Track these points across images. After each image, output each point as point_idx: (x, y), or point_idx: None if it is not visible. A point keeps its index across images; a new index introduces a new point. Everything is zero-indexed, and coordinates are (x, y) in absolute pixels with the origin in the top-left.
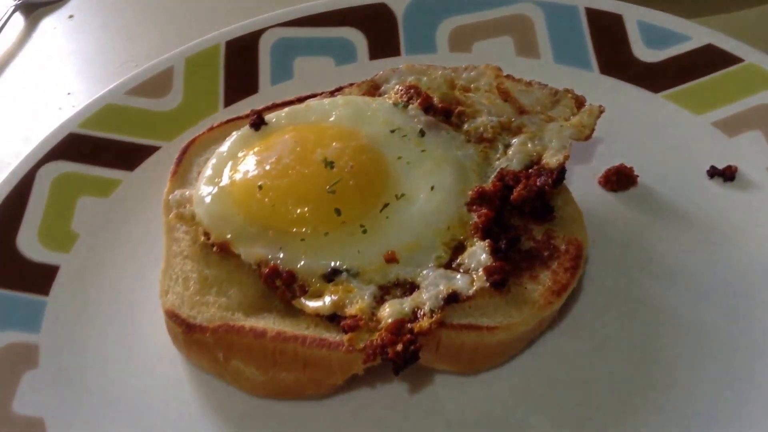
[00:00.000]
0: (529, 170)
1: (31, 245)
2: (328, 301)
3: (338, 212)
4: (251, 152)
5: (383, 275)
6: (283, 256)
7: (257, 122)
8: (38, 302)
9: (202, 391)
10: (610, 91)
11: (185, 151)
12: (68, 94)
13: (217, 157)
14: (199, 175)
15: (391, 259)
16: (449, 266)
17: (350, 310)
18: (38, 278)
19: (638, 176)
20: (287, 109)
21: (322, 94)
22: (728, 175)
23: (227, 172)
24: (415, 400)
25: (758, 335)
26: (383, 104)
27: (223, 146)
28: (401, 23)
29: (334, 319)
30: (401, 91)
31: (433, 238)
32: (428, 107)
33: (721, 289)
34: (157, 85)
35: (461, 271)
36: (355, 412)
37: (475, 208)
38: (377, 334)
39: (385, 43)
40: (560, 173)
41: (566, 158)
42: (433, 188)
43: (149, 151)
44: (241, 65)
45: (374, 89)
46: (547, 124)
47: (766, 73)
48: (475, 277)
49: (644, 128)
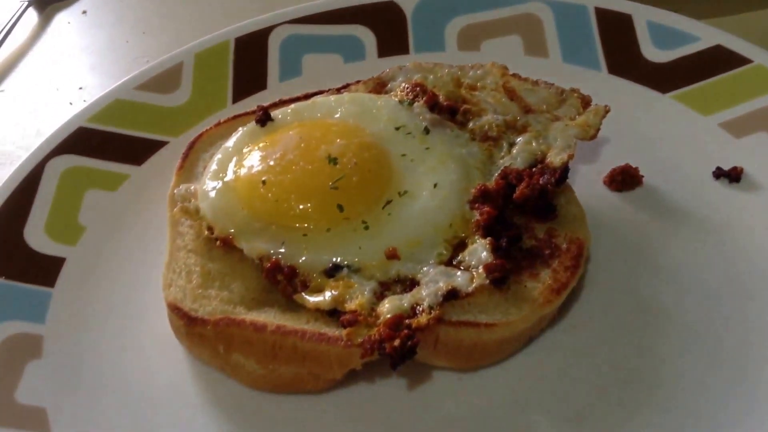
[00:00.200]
0: (532, 169)
1: (38, 237)
2: (328, 296)
3: (341, 208)
4: (256, 148)
5: (384, 271)
6: (285, 251)
7: (263, 118)
8: (44, 293)
9: (203, 383)
10: (618, 91)
11: (192, 146)
12: (80, 88)
13: (222, 152)
14: (204, 170)
15: (392, 255)
16: (450, 263)
17: (350, 305)
18: (44, 270)
19: (643, 176)
20: (293, 105)
21: (328, 91)
22: (734, 176)
23: (232, 167)
24: (413, 396)
25: (761, 336)
26: (389, 102)
27: (228, 142)
28: (410, 21)
29: (334, 314)
30: (407, 88)
31: (434, 235)
32: (433, 105)
33: (724, 289)
34: (166, 80)
35: (462, 268)
36: (353, 407)
37: (477, 205)
38: (375, 329)
39: (393, 41)
40: (563, 172)
41: (570, 157)
42: (436, 186)
43: (157, 146)
44: (250, 62)
45: (381, 86)
46: (552, 123)
47: None
48: (475, 274)
49: (651, 129)
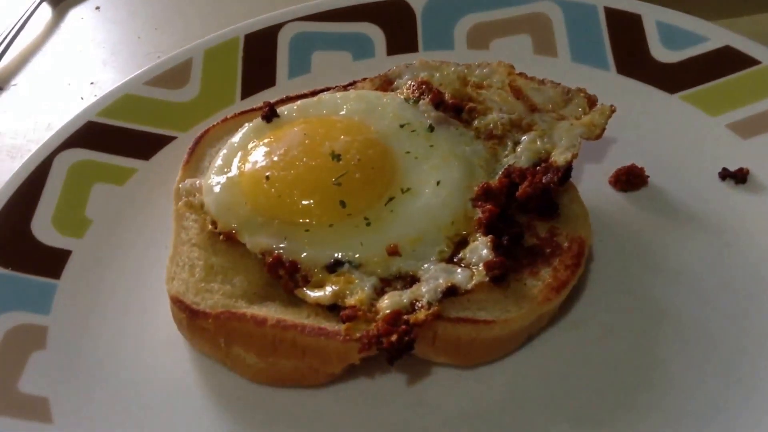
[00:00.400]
0: (536, 168)
1: (45, 230)
2: (328, 291)
3: (343, 204)
4: (261, 143)
5: (385, 268)
6: (287, 245)
7: (269, 114)
8: (49, 285)
9: (204, 376)
10: (626, 91)
11: (198, 141)
12: (91, 83)
13: (228, 147)
14: (210, 165)
15: (393, 252)
16: (451, 260)
17: (350, 300)
18: (51, 262)
19: (649, 177)
20: (299, 102)
21: (335, 88)
22: (740, 177)
23: (236, 162)
24: (412, 392)
25: (763, 339)
26: (394, 99)
27: (234, 137)
28: (420, 19)
29: (334, 309)
30: (413, 86)
31: (436, 232)
32: (439, 103)
33: (727, 291)
34: (175, 76)
35: (462, 265)
36: (352, 402)
37: (480, 203)
38: (374, 324)
39: (403, 39)
40: (566, 171)
41: (574, 157)
42: (439, 183)
43: (165, 141)
44: (259, 58)
45: (387, 84)
46: (557, 122)
47: None
48: (475, 271)
49: (658, 129)
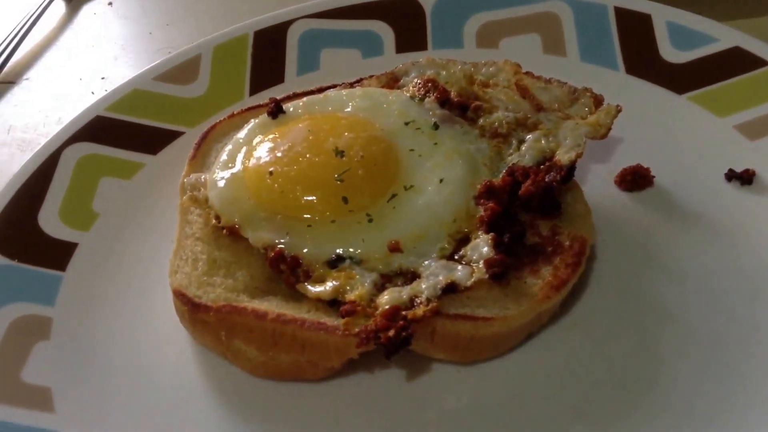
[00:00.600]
0: (540, 166)
1: (52, 222)
2: (329, 286)
3: (345, 200)
4: (265, 139)
5: (386, 264)
6: (289, 241)
7: (274, 110)
8: (55, 277)
9: (205, 369)
10: (634, 91)
11: (204, 136)
12: (102, 78)
13: (233, 143)
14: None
15: (394, 248)
16: (452, 258)
17: (350, 296)
18: (57, 254)
19: (654, 177)
20: (305, 98)
21: (341, 85)
22: (746, 178)
23: (240, 158)
24: (412, 387)
25: (765, 341)
26: (400, 97)
27: (240, 133)
28: (429, 18)
29: (335, 304)
30: (419, 84)
31: (438, 229)
32: (444, 101)
33: (730, 292)
34: (184, 72)
35: (463, 262)
36: (352, 397)
37: (482, 201)
38: (372, 319)
39: (412, 37)
40: (569, 170)
41: (579, 156)
42: (442, 181)
43: (173, 136)
44: (268, 55)
45: (393, 81)
46: (563, 121)
47: None
48: (475, 269)
49: (665, 129)
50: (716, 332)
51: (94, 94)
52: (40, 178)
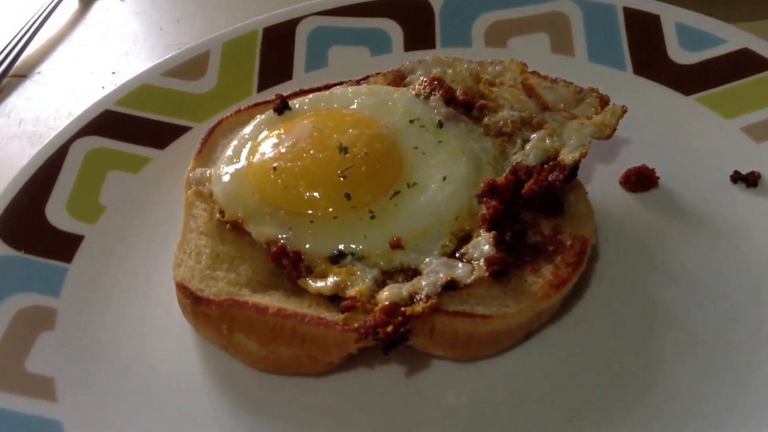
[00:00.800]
0: (543, 166)
1: (59, 214)
2: (330, 282)
3: (348, 197)
4: (270, 135)
5: (388, 260)
6: (291, 236)
7: (280, 107)
8: (61, 268)
9: (207, 362)
10: (641, 91)
11: (211, 132)
12: (113, 73)
13: (238, 138)
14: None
15: (396, 245)
16: (453, 255)
17: (350, 291)
18: (63, 246)
19: (659, 178)
20: (311, 95)
21: (347, 82)
22: (751, 180)
23: (245, 153)
24: (411, 384)
25: (766, 343)
26: (405, 94)
27: (246, 129)
28: (438, 16)
29: (336, 299)
30: (425, 82)
31: (440, 227)
32: (450, 99)
33: (732, 294)
34: (192, 67)
35: (464, 260)
36: (352, 393)
37: (485, 200)
38: (371, 315)
39: (421, 35)
40: (572, 170)
41: (583, 156)
42: (445, 179)
43: (180, 131)
44: (276, 52)
45: (400, 79)
46: (568, 121)
47: None
48: (475, 266)
49: (672, 130)
50: (717, 334)
51: (104, 88)
52: (48, 170)
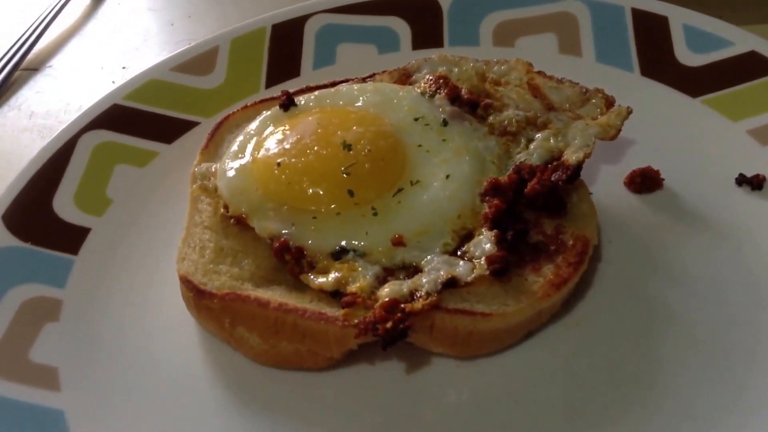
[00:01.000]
0: (547, 165)
1: (66, 207)
2: (332, 277)
3: (351, 193)
4: (275, 131)
5: (389, 257)
6: (294, 231)
7: (286, 103)
8: (67, 260)
9: (210, 355)
10: (648, 93)
11: (218, 127)
12: (123, 68)
13: (244, 134)
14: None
15: (398, 242)
16: (455, 253)
17: (351, 287)
18: (70, 238)
19: (664, 180)
20: (317, 92)
21: (353, 79)
22: (756, 183)
23: (250, 149)
24: (412, 381)
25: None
26: (410, 92)
27: (251, 124)
28: (446, 15)
29: (336, 295)
30: (431, 80)
31: (442, 225)
32: (455, 98)
33: (734, 296)
34: (201, 63)
35: (465, 258)
36: (352, 389)
37: (488, 198)
38: (371, 311)
39: (429, 34)
40: (575, 170)
41: (587, 156)
42: (448, 177)
43: (188, 126)
44: (285, 48)
45: (406, 77)
46: (573, 121)
47: None
48: (476, 264)
49: (678, 132)
50: (718, 336)
51: (114, 83)
52: (56, 163)
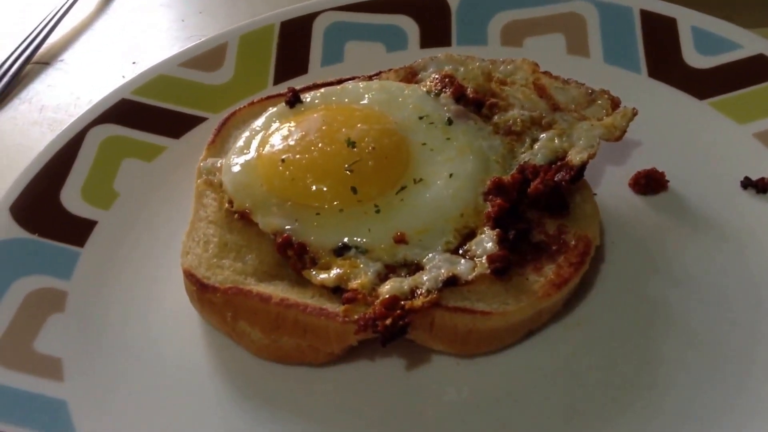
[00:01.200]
0: (551, 165)
1: (73, 199)
2: (333, 274)
3: (354, 191)
4: (281, 128)
5: (391, 255)
6: (297, 227)
7: (292, 100)
8: (73, 252)
9: (212, 348)
10: (655, 94)
11: (224, 123)
12: (133, 63)
13: (250, 130)
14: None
15: (400, 240)
16: (457, 251)
17: (353, 284)
18: (76, 230)
19: (669, 181)
20: (323, 89)
21: (360, 77)
22: (761, 186)
23: (255, 144)
24: (412, 378)
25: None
26: (416, 91)
27: (257, 120)
28: (454, 14)
29: (338, 291)
30: (437, 79)
31: (444, 223)
32: (460, 97)
33: (735, 299)
34: (210, 59)
35: (467, 257)
36: (352, 384)
37: (490, 197)
38: (371, 307)
39: (437, 33)
40: (579, 170)
41: (591, 157)
42: (452, 175)
43: (196, 121)
44: (293, 46)
45: (412, 76)
46: (578, 122)
47: None
48: (477, 263)
49: (684, 134)
50: (718, 338)
51: (124, 77)
52: (64, 156)
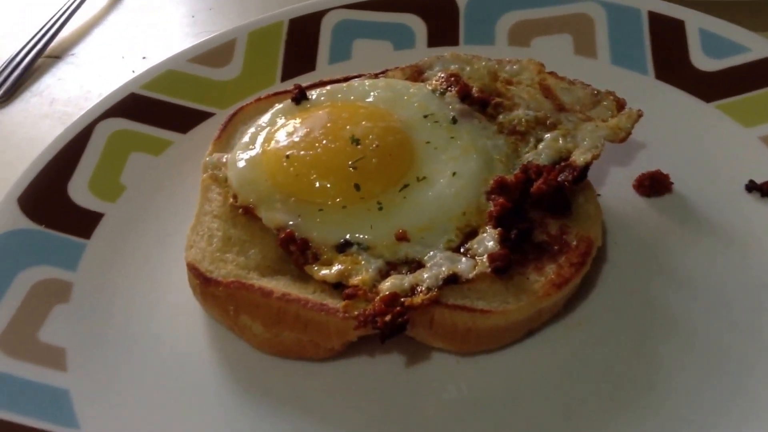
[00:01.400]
0: (555, 166)
1: (81, 192)
2: (335, 269)
3: (357, 187)
4: (286, 124)
5: (393, 252)
6: (300, 223)
7: (298, 97)
8: (79, 244)
9: (214, 341)
10: (662, 96)
11: (231, 118)
12: (143, 58)
13: (255, 126)
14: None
15: (402, 237)
16: (458, 250)
17: (354, 280)
18: (83, 223)
19: (673, 183)
20: (329, 86)
21: (366, 75)
22: (765, 190)
23: (260, 140)
24: (412, 375)
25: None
26: (421, 89)
27: (263, 117)
28: (462, 13)
29: (339, 287)
30: (442, 78)
31: (446, 221)
32: (465, 96)
33: (736, 301)
34: (218, 55)
35: (468, 255)
36: (352, 380)
37: (493, 197)
38: (371, 304)
39: (444, 32)
40: (582, 171)
41: (595, 158)
42: (455, 174)
43: (203, 116)
44: (301, 43)
45: (418, 74)
46: (582, 123)
47: None
48: (478, 262)
49: (690, 137)
50: (718, 341)
51: (134, 72)
52: (73, 149)
